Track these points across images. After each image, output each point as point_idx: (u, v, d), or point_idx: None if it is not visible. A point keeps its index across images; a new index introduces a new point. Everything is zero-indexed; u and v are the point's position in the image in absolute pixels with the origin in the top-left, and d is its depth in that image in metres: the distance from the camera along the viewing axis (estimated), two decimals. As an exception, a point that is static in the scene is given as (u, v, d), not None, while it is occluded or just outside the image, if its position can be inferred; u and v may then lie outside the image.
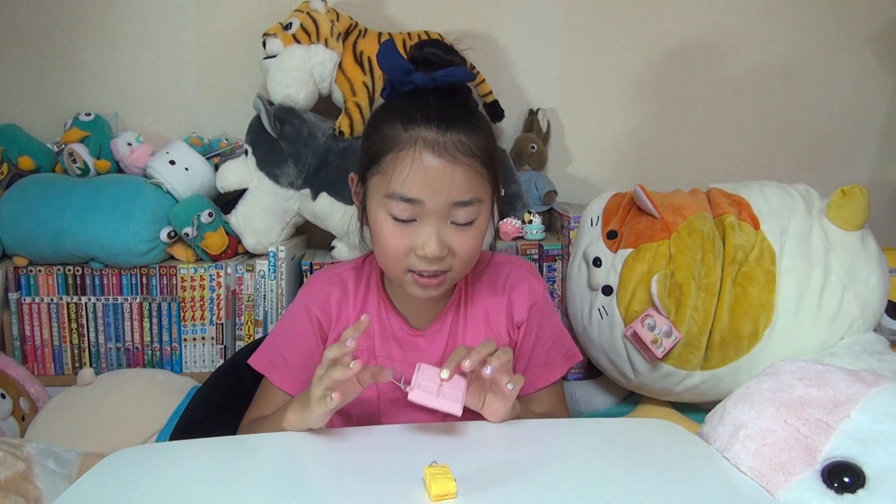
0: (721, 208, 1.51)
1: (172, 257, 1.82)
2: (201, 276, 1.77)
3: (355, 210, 1.06)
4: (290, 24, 1.76)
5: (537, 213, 1.88)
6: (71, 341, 1.78)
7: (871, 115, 2.17)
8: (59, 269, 1.76)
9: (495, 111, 1.93)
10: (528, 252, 1.82)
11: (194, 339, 1.80)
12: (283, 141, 1.74)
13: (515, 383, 0.90)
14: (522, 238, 1.86)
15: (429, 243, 0.94)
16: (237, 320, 1.80)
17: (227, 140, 1.93)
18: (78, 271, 1.76)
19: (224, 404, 1.22)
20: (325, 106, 1.86)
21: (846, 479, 0.69)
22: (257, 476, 0.80)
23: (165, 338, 1.79)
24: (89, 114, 1.88)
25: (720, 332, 1.40)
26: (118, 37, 1.95)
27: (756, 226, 1.46)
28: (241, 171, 1.79)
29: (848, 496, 0.68)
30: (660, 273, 1.41)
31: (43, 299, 1.77)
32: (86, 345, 1.79)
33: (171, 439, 1.21)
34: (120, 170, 1.86)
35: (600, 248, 1.55)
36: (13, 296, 1.76)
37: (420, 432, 0.91)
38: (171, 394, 1.61)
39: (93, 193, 1.73)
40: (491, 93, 1.91)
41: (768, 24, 2.09)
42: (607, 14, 2.05)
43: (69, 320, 1.77)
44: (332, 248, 1.84)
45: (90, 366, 1.78)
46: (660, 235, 1.48)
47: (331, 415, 0.88)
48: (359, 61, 1.80)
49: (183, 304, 1.78)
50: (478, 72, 1.87)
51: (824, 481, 0.70)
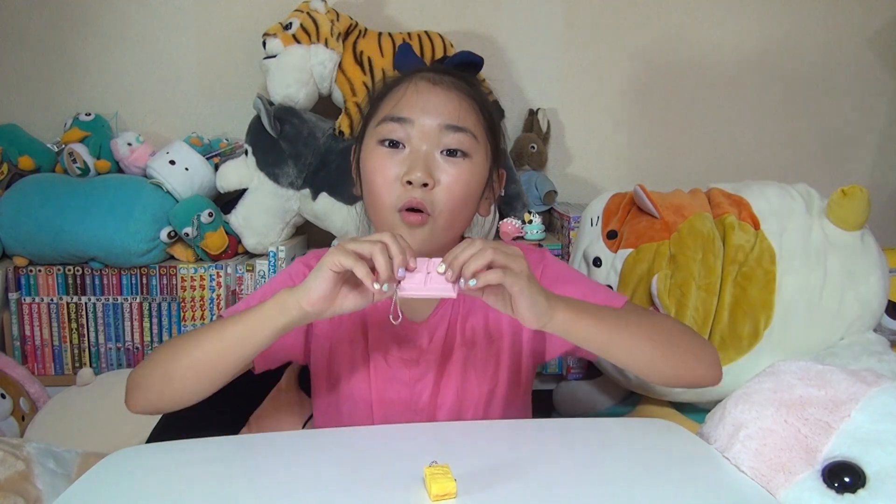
0: (721, 208, 1.51)
1: (172, 257, 1.82)
2: (201, 276, 1.77)
3: (355, 210, 1.06)
4: (290, 24, 1.76)
5: (537, 213, 1.88)
6: (71, 341, 1.78)
7: (871, 115, 2.17)
8: (59, 269, 1.76)
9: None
10: (528, 252, 1.82)
11: (194, 339, 1.80)
12: (283, 141, 1.74)
13: (478, 280, 0.76)
14: (522, 238, 1.86)
15: (415, 165, 0.89)
16: (237, 320, 1.80)
17: (227, 140, 1.93)
18: (78, 271, 1.76)
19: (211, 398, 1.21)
20: (325, 106, 1.86)
21: (846, 479, 0.69)
22: (257, 476, 0.80)
23: (165, 338, 1.79)
24: (89, 114, 1.88)
25: (720, 332, 1.40)
26: (118, 37, 1.96)
27: (756, 226, 1.46)
28: (241, 171, 1.79)
29: (848, 496, 0.68)
30: (660, 273, 1.41)
31: (43, 299, 1.77)
32: (86, 345, 1.79)
33: (153, 432, 1.20)
34: (120, 170, 1.86)
35: (600, 248, 1.55)
36: (13, 296, 1.76)
37: (420, 432, 0.91)
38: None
39: (93, 193, 1.73)
40: (491, 93, 1.90)
41: (768, 25, 2.09)
42: (607, 14, 2.05)
43: (69, 320, 1.77)
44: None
45: (90, 366, 1.78)
46: (660, 235, 1.48)
47: (329, 296, 0.80)
48: (359, 61, 1.80)
49: (183, 304, 1.78)
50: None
51: (825, 481, 0.70)
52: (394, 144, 0.91)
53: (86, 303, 1.77)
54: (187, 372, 0.85)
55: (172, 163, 1.79)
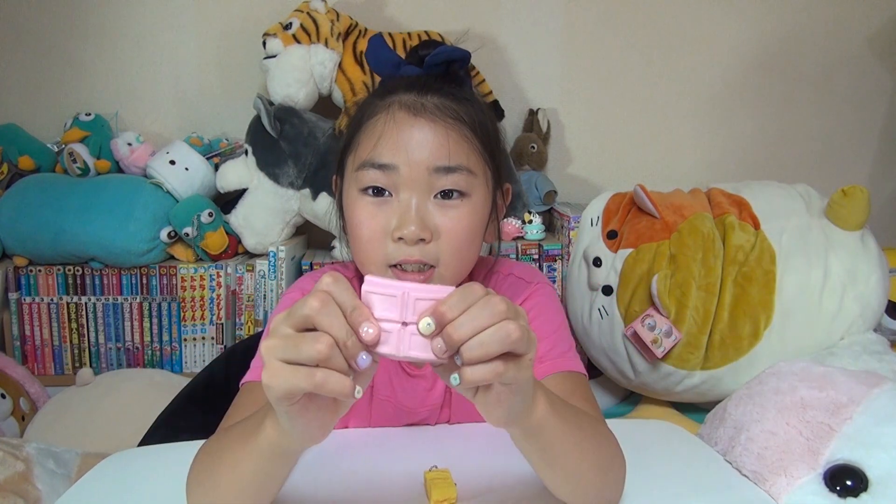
0: (721, 208, 1.51)
1: (172, 257, 1.82)
2: (201, 276, 1.77)
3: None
4: (290, 24, 1.76)
5: (537, 213, 1.88)
6: (71, 341, 1.78)
7: (871, 115, 2.16)
8: (59, 269, 1.76)
9: (495, 111, 1.92)
10: (528, 252, 1.82)
11: (194, 339, 1.80)
12: (283, 141, 1.74)
13: (463, 378, 0.53)
14: (522, 238, 1.86)
15: (405, 218, 0.75)
16: (237, 320, 1.80)
17: (227, 140, 1.93)
18: (78, 271, 1.76)
19: (206, 397, 1.21)
20: (325, 106, 1.86)
21: (849, 483, 0.69)
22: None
23: (165, 338, 1.79)
24: (89, 114, 1.88)
25: (720, 331, 1.40)
26: (118, 37, 1.95)
27: (756, 226, 1.46)
28: (241, 171, 1.79)
29: (851, 500, 0.68)
30: (660, 273, 1.41)
31: (43, 299, 1.76)
32: (86, 345, 1.79)
33: (148, 432, 1.20)
34: (120, 170, 1.86)
35: (600, 248, 1.55)
36: (13, 296, 1.76)
37: (420, 436, 0.90)
38: (170, 394, 1.60)
39: (93, 193, 1.73)
40: (491, 93, 1.91)
41: (768, 24, 2.08)
42: (607, 14, 2.05)
43: (69, 320, 1.77)
44: (332, 248, 1.84)
45: (90, 366, 1.78)
46: (660, 235, 1.48)
47: (311, 427, 0.59)
48: (359, 61, 1.80)
49: (183, 304, 1.78)
50: (478, 72, 1.87)
51: (827, 485, 0.70)
52: (378, 192, 0.78)
53: (86, 303, 1.77)
54: (229, 490, 0.67)
55: (172, 163, 1.79)
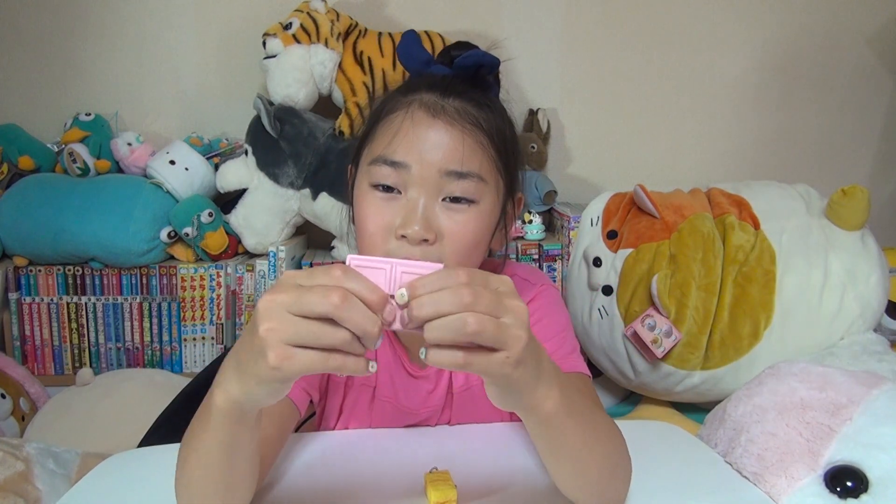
0: (721, 208, 1.51)
1: (172, 257, 1.82)
2: (201, 276, 1.77)
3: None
4: (290, 24, 1.76)
5: (537, 213, 1.88)
6: (71, 341, 1.78)
7: (871, 115, 2.17)
8: (59, 269, 1.76)
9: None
10: (528, 252, 1.82)
11: (194, 339, 1.80)
12: (283, 141, 1.74)
13: (427, 356, 0.54)
14: (522, 238, 1.86)
15: (410, 217, 0.75)
16: (237, 320, 1.80)
17: (227, 140, 1.93)
18: (78, 271, 1.76)
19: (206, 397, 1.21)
20: (325, 106, 1.86)
21: (849, 484, 0.69)
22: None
23: (165, 338, 1.79)
24: (89, 114, 1.88)
25: (720, 331, 1.40)
26: (118, 37, 1.95)
27: (756, 226, 1.46)
28: (241, 171, 1.79)
29: (851, 501, 0.68)
30: (660, 273, 1.41)
31: (43, 299, 1.76)
32: (86, 345, 1.79)
33: (149, 432, 1.20)
34: (120, 170, 1.86)
35: (600, 248, 1.55)
36: (13, 296, 1.76)
37: (420, 437, 0.90)
38: (170, 394, 1.60)
39: (93, 193, 1.73)
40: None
41: (768, 25, 2.08)
42: (607, 14, 2.05)
43: (69, 320, 1.77)
44: (332, 248, 1.84)
45: (90, 366, 1.78)
46: (660, 235, 1.48)
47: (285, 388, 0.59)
48: (359, 61, 1.80)
49: (183, 304, 1.78)
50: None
51: (827, 486, 0.70)
52: (388, 189, 0.78)
53: (86, 303, 1.77)
54: (196, 472, 0.67)
55: (172, 163, 1.79)
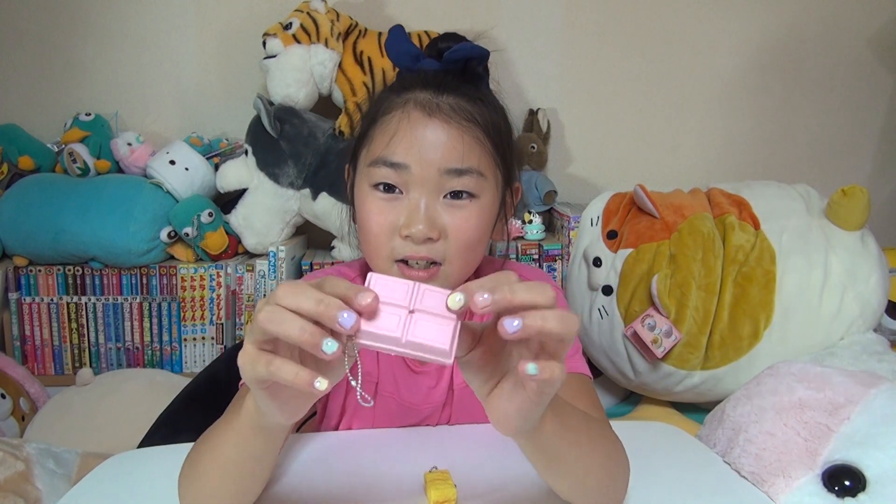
0: (721, 208, 1.51)
1: (172, 257, 1.82)
2: (201, 276, 1.77)
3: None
4: (290, 23, 1.76)
5: (537, 213, 1.88)
6: (71, 341, 1.78)
7: (871, 115, 2.16)
8: (59, 269, 1.76)
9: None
10: (528, 252, 1.82)
11: (194, 339, 1.80)
12: (283, 141, 1.74)
13: (542, 370, 0.49)
14: (522, 238, 1.86)
15: (414, 217, 0.77)
16: (237, 320, 1.80)
17: (227, 140, 1.93)
18: (78, 271, 1.76)
19: (206, 397, 1.21)
20: (325, 106, 1.86)
21: (847, 483, 0.69)
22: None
23: (165, 338, 1.79)
24: (89, 114, 1.88)
25: (720, 332, 1.40)
26: (118, 37, 1.95)
27: (756, 226, 1.46)
28: (241, 171, 1.79)
29: (849, 500, 0.68)
30: (660, 273, 1.41)
31: (43, 299, 1.76)
32: (86, 345, 1.79)
33: (149, 432, 1.20)
34: (120, 170, 1.86)
35: (600, 248, 1.55)
36: (13, 296, 1.76)
37: (420, 437, 0.90)
38: (170, 394, 1.60)
39: (93, 193, 1.73)
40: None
41: (768, 24, 2.08)
42: (607, 14, 2.04)
43: (69, 320, 1.77)
44: (332, 248, 1.84)
45: (90, 366, 1.78)
46: (660, 235, 1.48)
47: (287, 405, 0.58)
48: (359, 61, 1.80)
49: (183, 304, 1.78)
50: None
51: (825, 485, 0.70)
52: (389, 188, 0.79)
53: (86, 303, 1.77)
54: (212, 480, 0.69)
55: (172, 163, 1.79)
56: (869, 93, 2.15)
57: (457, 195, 0.79)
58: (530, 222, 1.86)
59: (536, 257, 1.82)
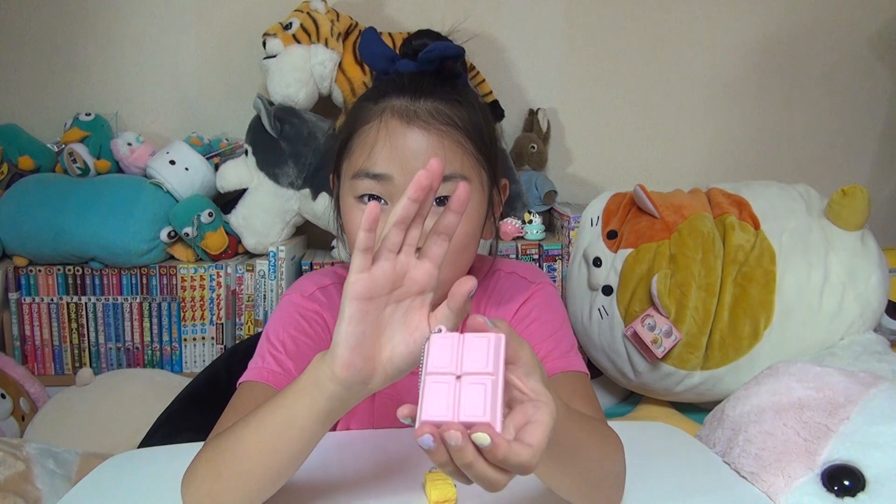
0: (721, 208, 1.51)
1: (172, 257, 1.82)
2: (201, 276, 1.77)
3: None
4: (290, 23, 1.76)
5: (537, 213, 1.88)
6: (71, 341, 1.78)
7: (871, 115, 2.16)
8: (59, 269, 1.76)
9: (495, 111, 1.92)
10: (528, 252, 1.82)
11: (194, 339, 1.80)
12: (283, 141, 1.74)
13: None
14: (522, 238, 1.86)
15: None
16: (237, 320, 1.80)
17: (227, 140, 1.93)
18: (78, 271, 1.76)
19: (207, 397, 1.21)
20: (325, 106, 1.86)
21: (846, 483, 0.69)
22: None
23: (165, 338, 1.79)
24: (89, 114, 1.88)
25: (720, 331, 1.40)
26: (118, 37, 1.95)
27: (756, 226, 1.46)
28: (241, 171, 1.79)
29: (848, 500, 0.68)
30: (660, 273, 1.41)
31: (43, 299, 1.76)
32: (86, 345, 1.79)
33: (149, 432, 1.20)
34: (120, 170, 1.86)
35: (600, 248, 1.55)
36: (13, 296, 1.76)
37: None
38: (169, 394, 1.60)
39: (93, 193, 1.73)
40: (491, 93, 1.91)
41: (768, 24, 2.08)
42: (607, 14, 2.05)
43: (69, 320, 1.77)
44: (332, 248, 1.84)
45: (90, 366, 1.78)
46: (660, 235, 1.48)
47: (364, 343, 0.59)
48: (359, 61, 1.80)
49: (183, 304, 1.78)
50: (477, 72, 1.87)
51: (824, 485, 0.70)
52: (373, 199, 0.79)
53: (86, 303, 1.77)
54: (236, 469, 0.68)
55: (172, 163, 1.79)
56: (869, 93, 2.15)
57: (441, 202, 0.78)
58: (530, 222, 1.86)
59: (536, 257, 1.82)
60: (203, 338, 1.80)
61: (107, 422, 1.52)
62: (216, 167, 1.85)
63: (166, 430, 1.18)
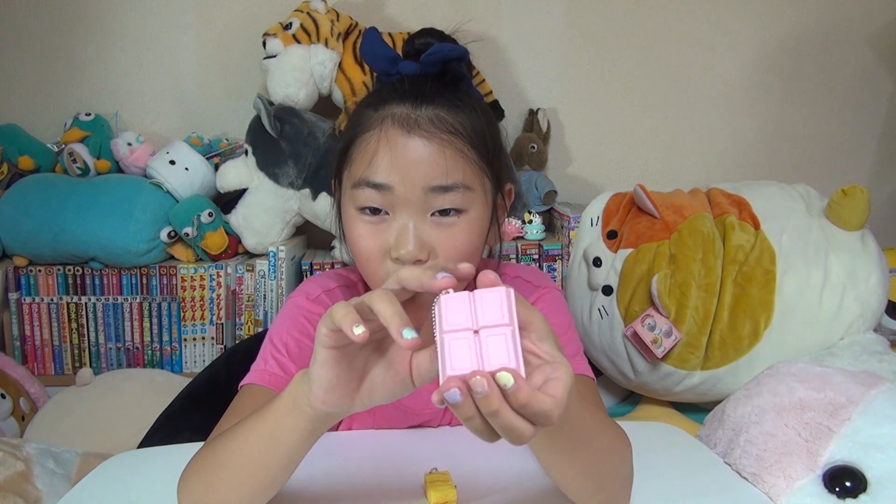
0: (721, 208, 1.51)
1: (172, 257, 1.82)
2: (201, 276, 1.77)
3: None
4: (290, 24, 1.76)
5: (537, 213, 1.88)
6: (71, 341, 1.78)
7: (871, 115, 2.16)
8: (59, 269, 1.76)
9: (495, 111, 1.92)
10: (528, 252, 1.82)
11: (194, 339, 1.80)
12: (283, 141, 1.74)
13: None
14: (522, 238, 1.86)
15: (402, 240, 0.75)
16: (237, 320, 1.80)
17: (227, 140, 1.93)
18: (78, 271, 1.76)
19: (207, 397, 1.21)
20: (325, 106, 1.86)
21: (848, 484, 0.69)
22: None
23: (165, 338, 1.79)
24: (89, 114, 1.88)
25: (720, 332, 1.40)
26: (118, 37, 1.95)
27: (756, 226, 1.46)
28: (241, 171, 1.79)
29: (850, 501, 0.68)
30: (660, 273, 1.41)
31: (43, 299, 1.76)
32: (86, 345, 1.79)
33: (149, 432, 1.20)
34: (120, 170, 1.86)
35: (600, 248, 1.55)
36: (13, 296, 1.76)
37: (420, 437, 0.90)
38: (169, 394, 1.60)
39: (93, 193, 1.73)
40: (491, 93, 1.91)
41: (768, 24, 2.08)
42: (607, 14, 2.05)
43: (69, 320, 1.77)
44: (332, 248, 1.84)
45: (90, 366, 1.78)
46: (660, 235, 1.48)
47: (340, 384, 0.58)
48: (359, 61, 1.80)
49: (183, 304, 1.78)
50: (478, 72, 1.87)
51: (826, 486, 0.70)
52: (375, 211, 0.78)
53: (86, 303, 1.77)
54: (226, 481, 0.68)
55: (172, 163, 1.79)
56: (869, 93, 2.15)
57: (444, 212, 0.77)
58: (530, 222, 1.86)
59: (536, 257, 1.82)
60: (203, 338, 1.80)
61: (107, 422, 1.52)
62: (216, 167, 1.85)
63: (166, 430, 1.18)
